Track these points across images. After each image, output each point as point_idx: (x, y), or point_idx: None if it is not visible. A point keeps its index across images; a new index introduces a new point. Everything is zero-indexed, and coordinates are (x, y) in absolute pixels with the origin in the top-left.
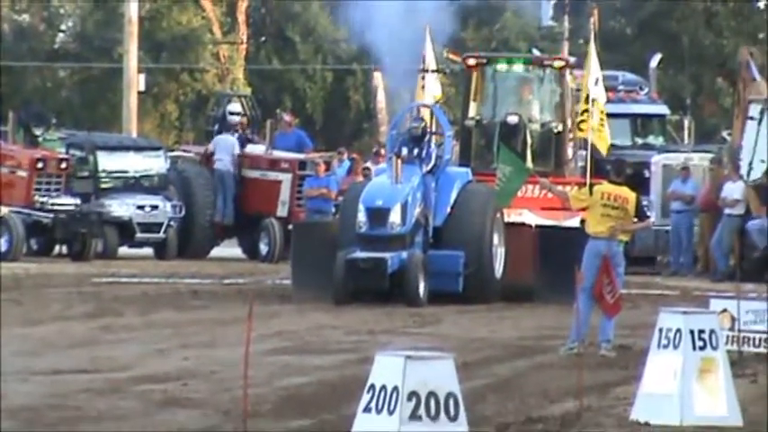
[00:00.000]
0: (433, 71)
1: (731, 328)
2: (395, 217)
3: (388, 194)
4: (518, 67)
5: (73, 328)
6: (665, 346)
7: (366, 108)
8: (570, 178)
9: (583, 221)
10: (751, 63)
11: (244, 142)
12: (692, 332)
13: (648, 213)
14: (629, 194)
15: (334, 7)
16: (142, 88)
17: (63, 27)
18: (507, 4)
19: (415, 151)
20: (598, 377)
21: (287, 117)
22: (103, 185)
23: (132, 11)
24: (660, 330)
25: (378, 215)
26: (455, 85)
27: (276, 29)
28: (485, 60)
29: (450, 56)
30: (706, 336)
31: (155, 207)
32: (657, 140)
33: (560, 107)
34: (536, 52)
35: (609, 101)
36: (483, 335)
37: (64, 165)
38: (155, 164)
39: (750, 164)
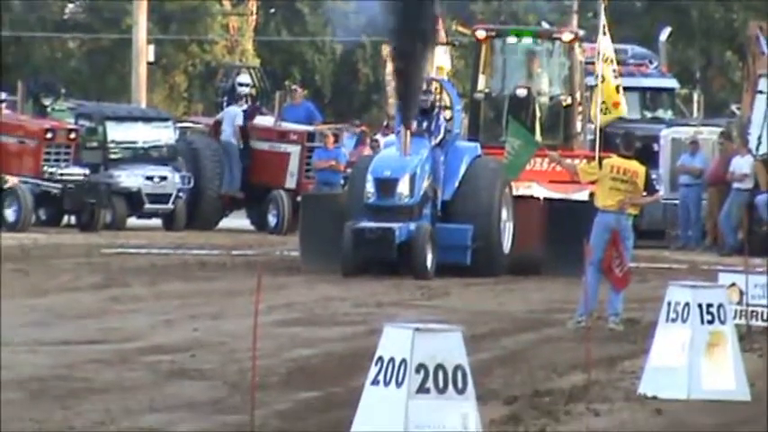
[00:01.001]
0: (442, 44)
1: (739, 303)
2: (403, 188)
3: (396, 165)
4: (527, 40)
5: (81, 298)
6: (674, 320)
7: (375, 81)
8: (579, 152)
9: (592, 195)
10: (761, 37)
11: (253, 113)
12: (700, 306)
13: (657, 187)
14: (638, 168)
15: None
16: (151, 59)
17: None
18: None
19: (424, 124)
20: (606, 350)
21: (297, 89)
22: (112, 156)
23: None
24: (668, 304)
25: (386, 186)
26: (465, 57)
27: (286, 0)
28: (494, 33)
29: (460, 28)
30: (714, 310)
31: (163, 178)
32: (666, 114)
33: (569, 80)
34: (545, 25)
35: (618, 74)
36: (491, 308)
37: (73, 135)
38: (163, 135)
39: (759, 138)
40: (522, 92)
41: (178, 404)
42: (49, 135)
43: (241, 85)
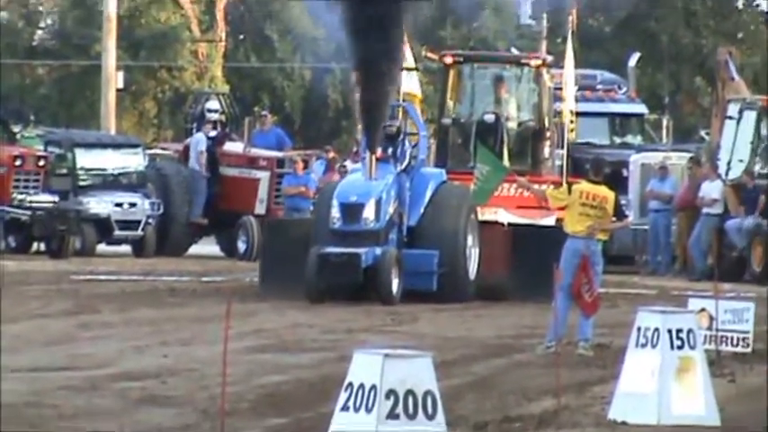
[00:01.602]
0: (408, 69)
1: (709, 328)
2: (369, 212)
3: (362, 190)
4: (495, 66)
5: (51, 325)
6: (644, 345)
7: (345, 107)
8: (548, 177)
9: (559, 220)
10: (730, 62)
11: (222, 140)
12: (669, 331)
13: (627, 212)
14: (607, 193)
15: (312, 6)
16: (120, 86)
17: (41, 24)
18: (486, 2)
19: (390, 150)
20: (576, 376)
21: (267, 115)
22: (82, 183)
23: (111, 8)
24: (638, 329)
25: (352, 210)
26: (434, 83)
27: (255, 27)
28: (462, 59)
29: (429, 54)
30: (684, 335)
31: (133, 204)
32: (636, 139)
33: (538, 106)
34: (514, 51)
35: (587, 99)
36: (460, 333)
37: (42, 162)
38: (133, 161)
39: (728, 163)
40: (489, 117)
41: (148, 431)
42: (18, 162)
43: (210, 111)
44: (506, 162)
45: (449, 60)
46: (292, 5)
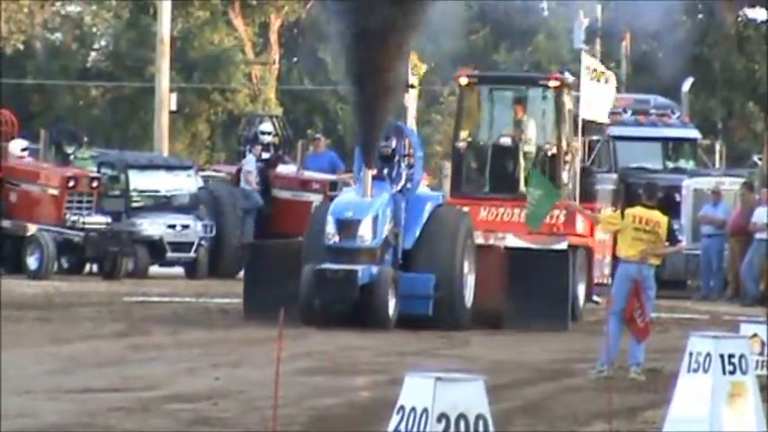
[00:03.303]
0: (410, 86)
1: (761, 353)
2: (365, 230)
3: (358, 207)
4: (512, 87)
5: (103, 346)
6: (695, 370)
7: None
8: (599, 204)
9: (571, 245)
10: None
11: (275, 162)
12: (721, 356)
13: (680, 237)
14: (660, 218)
15: None
16: (174, 108)
17: (95, 46)
18: (540, 27)
19: (385, 170)
20: (627, 400)
21: (320, 138)
22: (134, 204)
23: (164, 30)
24: (690, 354)
25: (348, 227)
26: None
27: (308, 49)
28: (477, 80)
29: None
30: (736, 360)
31: (185, 226)
32: (688, 164)
33: (556, 129)
34: (568, 75)
35: (641, 124)
36: (511, 357)
37: (95, 183)
38: (186, 183)
39: None
40: (506, 140)
41: None
42: (71, 183)
43: (263, 133)
44: (522, 186)
45: (464, 81)
46: None
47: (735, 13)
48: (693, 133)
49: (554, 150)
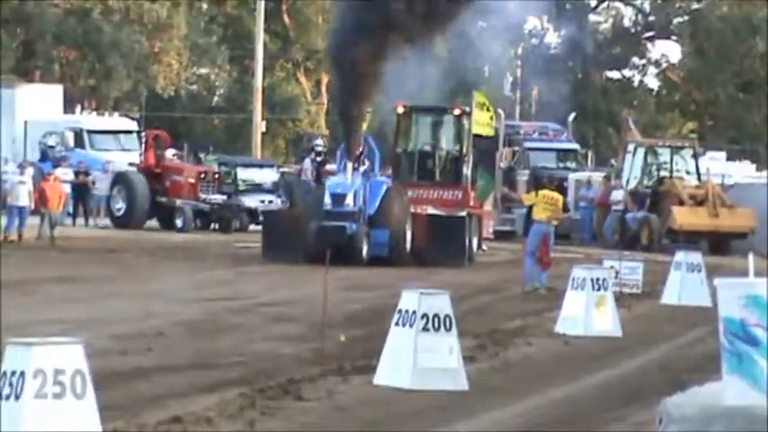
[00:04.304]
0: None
1: (616, 277)
2: (350, 200)
3: (344, 185)
4: (431, 114)
5: (222, 273)
6: (576, 288)
7: None
8: (520, 192)
9: (469, 214)
10: (629, 119)
11: (324, 163)
12: (592, 279)
13: (568, 208)
14: (558, 196)
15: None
16: (263, 130)
17: (217, 93)
18: (483, 79)
19: (357, 164)
20: (536, 306)
21: None
22: (240, 188)
23: (258, 82)
24: (573, 279)
25: (338, 198)
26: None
27: None
28: (408, 109)
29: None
30: (601, 282)
31: (270, 201)
32: (572, 165)
33: (459, 140)
34: (466, 107)
35: (543, 140)
36: (465, 280)
37: (217, 175)
38: (270, 175)
39: (627, 180)
40: (427, 148)
41: (280, 336)
42: (202, 175)
43: (317, 145)
44: (437, 177)
45: (401, 110)
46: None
47: (600, 73)
48: (575, 146)
49: (457, 154)
